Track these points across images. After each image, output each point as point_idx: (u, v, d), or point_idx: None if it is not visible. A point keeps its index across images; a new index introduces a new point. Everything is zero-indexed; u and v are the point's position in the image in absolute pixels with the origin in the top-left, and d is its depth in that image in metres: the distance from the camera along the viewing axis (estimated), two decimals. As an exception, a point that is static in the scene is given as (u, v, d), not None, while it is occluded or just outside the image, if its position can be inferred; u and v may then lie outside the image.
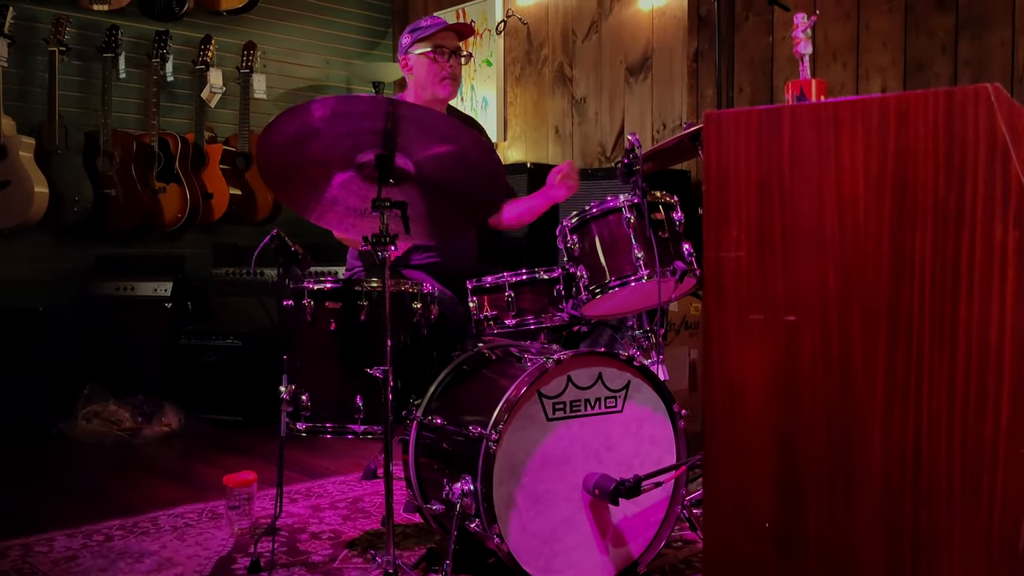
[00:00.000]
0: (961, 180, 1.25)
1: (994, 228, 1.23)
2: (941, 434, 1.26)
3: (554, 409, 2.21)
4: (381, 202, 2.22)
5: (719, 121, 1.45)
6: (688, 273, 2.45)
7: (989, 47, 3.56)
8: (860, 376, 1.33)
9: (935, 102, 1.27)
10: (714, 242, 1.45)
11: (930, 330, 1.28)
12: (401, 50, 3.14)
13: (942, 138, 1.26)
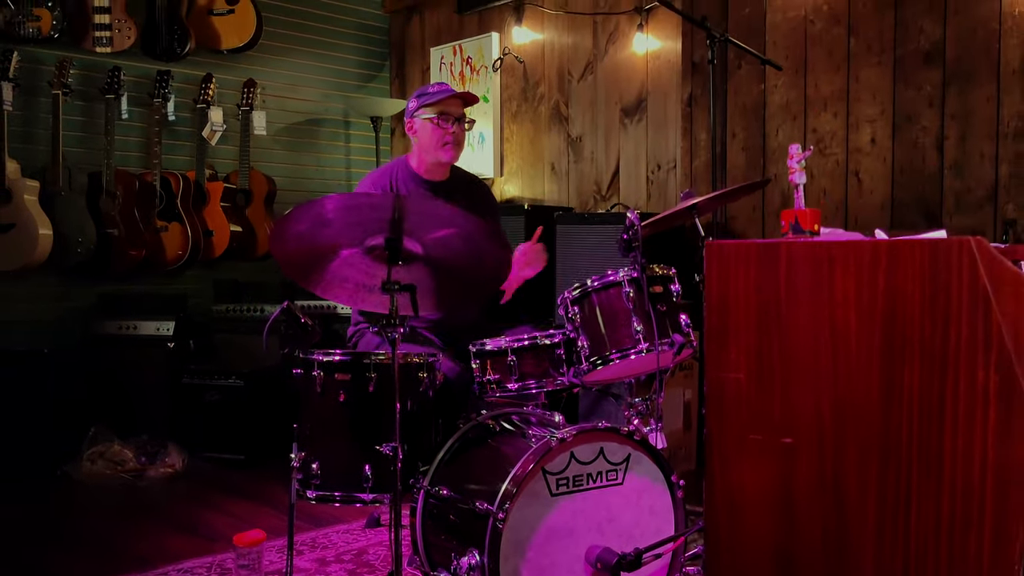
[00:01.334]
0: (946, 323, 1.34)
1: (976, 371, 1.32)
2: (928, 558, 1.35)
3: (558, 484, 2.29)
4: (391, 285, 2.30)
5: (721, 251, 1.53)
6: (685, 345, 2.54)
7: (975, 102, 3.66)
8: (854, 500, 1.42)
9: (921, 250, 1.36)
10: (715, 362, 1.54)
11: (918, 460, 1.37)
12: (407, 114, 3.23)
13: (927, 283, 1.36)
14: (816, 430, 1.45)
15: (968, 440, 1.33)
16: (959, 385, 1.34)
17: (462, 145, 3.23)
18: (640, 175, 4.75)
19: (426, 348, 3.00)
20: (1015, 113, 3.55)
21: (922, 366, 1.36)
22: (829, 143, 4.07)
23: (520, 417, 2.60)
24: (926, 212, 3.80)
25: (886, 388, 1.39)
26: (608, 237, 4.11)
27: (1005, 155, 3.59)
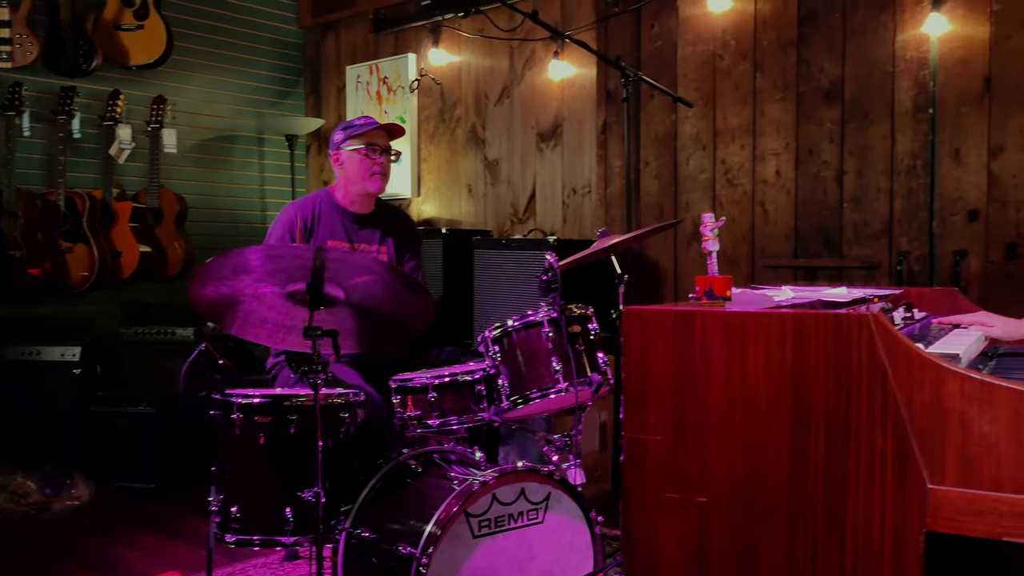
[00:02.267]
0: (848, 394, 1.44)
1: (875, 438, 1.42)
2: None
3: (480, 526, 2.34)
4: (313, 330, 2.31)
5: (640, 317, 1.60)
6: (603, 384, 2.62)
7: (871, 139, 3.86)
8: (764, 561, 1.50)
9: (825, 324, 1.46)
10: (634, 423, 1.61)
11: (823, 523, 1.46)
12: (333, 146, 3.24)
13: (831, 356, 1.45)
14: (729, 492, 1.53)
15: (868, 504, 1.43)
16: (860, 452, 1.44)
17: (388, 176, 3.26)
18: (556, 199, 4.83)
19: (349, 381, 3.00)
20: (907, 151, 3.76)
21: (827, 434, 1.45)
22: (737, 174, 4.23)
23: (441, 456, 2.64)
24: (827, 242, 3.99)
25: (794, 454, 1.48)
26: (525, 263, 4.19)
27: (899, 190, 3.80)
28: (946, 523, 1.39)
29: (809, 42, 4.01)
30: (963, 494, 1.38)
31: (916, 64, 3.73)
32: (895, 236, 3.81)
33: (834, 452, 1.45)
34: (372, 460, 2.71)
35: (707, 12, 4.26)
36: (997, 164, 3.58)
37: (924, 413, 1.40)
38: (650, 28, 4.47)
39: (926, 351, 1.44)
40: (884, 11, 3.80)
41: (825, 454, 1.46)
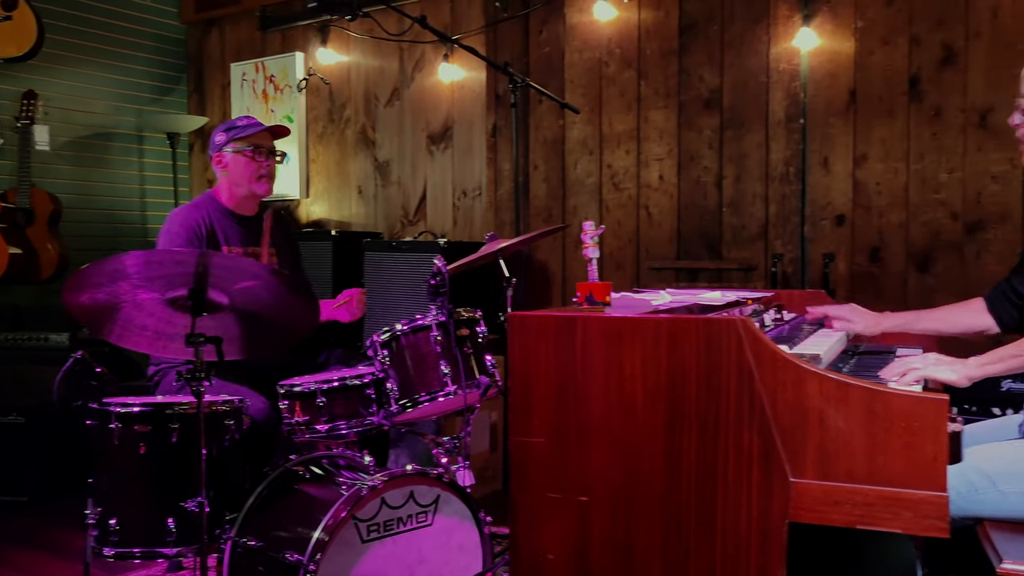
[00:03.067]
0: (718, 395, 1.52)
1: (743, 436, 1.51)
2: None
3: (369, 531, 2.34)
4: (195, 337, 2.26)
5: (523, 322, 1.64)
6: (491, 386, 2.66)
7: (748, 147, 4.03)
8: (641, 556, 1.57)
9: (697, 327, 1.53)
10: (518, 426, 1.65)
11: (696, 519, 1.54)
12: (214, 147, 3.16)
13: (703, 359, 1.53)
14: (608, 491, 1.59)
15: (737, 498, 1.51)
16: (729, 450, 1.52)
17: (274, 178, 3.21)
18: (447, 201, 4.85)
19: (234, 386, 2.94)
20: (781, 158, 3.95)
21: (699, 434, 1.53)
22: (623, 179, 4.34)
23: (330, 462, 2.62)
24: (708, 245, 4.15)
25: (668, 454, 1.55)
26: (415, 265, 4.19)
27: (773, 196, 3.98)
28: (807, 514, 1.48)
29: (690, 52, 4.16)
30: (821, 486, 1.47)
31: (788, 76, 3.92)
32: (770, 239, 4.00)
33: (705, 451, 1.53)
34: (259, 467, 2.67)
35: (593, 20, 4.36)
36: (861, 172, 3.80)
37: (787, 412, 1.49)
38: (538, 34, 4.55)
39: (789, 353, 1.54)
40: (759, 24, 3.98)
41: (697, 453, 1.54)
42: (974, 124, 3.56)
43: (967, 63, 3.57)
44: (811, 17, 3.85)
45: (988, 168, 3.54)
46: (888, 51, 3.72)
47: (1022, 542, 1.61)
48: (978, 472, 1.70)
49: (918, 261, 3.69)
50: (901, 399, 1.43)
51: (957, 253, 3.62)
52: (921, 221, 3.69)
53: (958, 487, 1.67)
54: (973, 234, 3.58)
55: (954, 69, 3.60)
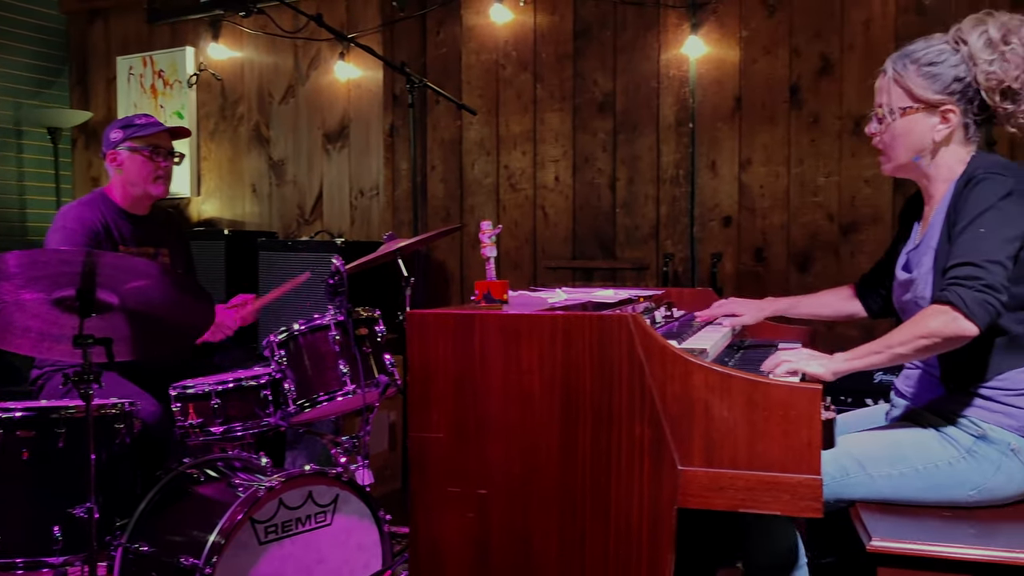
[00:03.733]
0: (611, 387, 1.58)
1: (634, 427, 1.58)
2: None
3: (266, 532, 2.32)
4: (84, 339, 2.19)
5: (422, 320, 1.67)
6: (390, 385, 2.67)
7: (640, 150, 4.16)
8: (539, 543, 1.62)
9: (590, 323, 1.59)
10: (418, 423, 1.68)
11: (591, 506, 1.60)
12: (109, 144, 3.07)
13: (596, 353, 1.59)
14: (507, 483, 1.64)
15: (629, 486, 1.58)
16: (621, 440, 1.58)
17: (171, 179, 3.15)
18: (344, 200, 4.82)
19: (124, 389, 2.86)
20: (671, 161, 4.09)
21: (593, 425, 1.59)
22: (519, 179, 4.41)
23: (225, 464, 2.58)
24: (602, 245, 4.26)
25: (564, 445, 1.61)
26: (312, 264, 4.15)
27: (664, 197, 4.12)
28: (694, 500, 1.56)
29: (584, 56, 4.26)
30: (707, 473, 1.55)
31: (678, 82, 4.06)
32: (661, 240, 4.13)
33: (599, 441, 1.59)
34: (151, 472, 2.61)
35: (490, 22, 4.42)
36: (746, 175, 3.97)
37: (675, 403, 1.56)
38: (435, 35, 4.57)
39: (678, 347, 1.61)
40: (650, 31, 4.11)
41: (592, 444, 1.60)
42: (849, 131, 3.77)
43: (842, 73, 3.78)
44: (699, 26, 4.00)
45: (861, 173, 3.75)
46: (770, 60, 3.90)
47: (889, 521, 1.73)
48: (849, 457, 1.82)
49: (798, 261, 3.89)
50: (779, 389, 1.53)
51: (834, 253, 3.82)
52: (801, 223, 3.88)
53: (832, 472, 1.79)
54: (848, 235, 3.79)
55: (830, 79, 3.80)
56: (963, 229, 1.75)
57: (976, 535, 1.67)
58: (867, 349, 1.78)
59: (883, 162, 2.01)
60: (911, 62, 1.90)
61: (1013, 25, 1.85)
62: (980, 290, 1.66)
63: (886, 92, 1.95)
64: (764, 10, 3.91)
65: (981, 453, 1.79)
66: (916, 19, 3.64)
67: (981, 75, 1.84)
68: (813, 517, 1.51)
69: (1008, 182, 1.76)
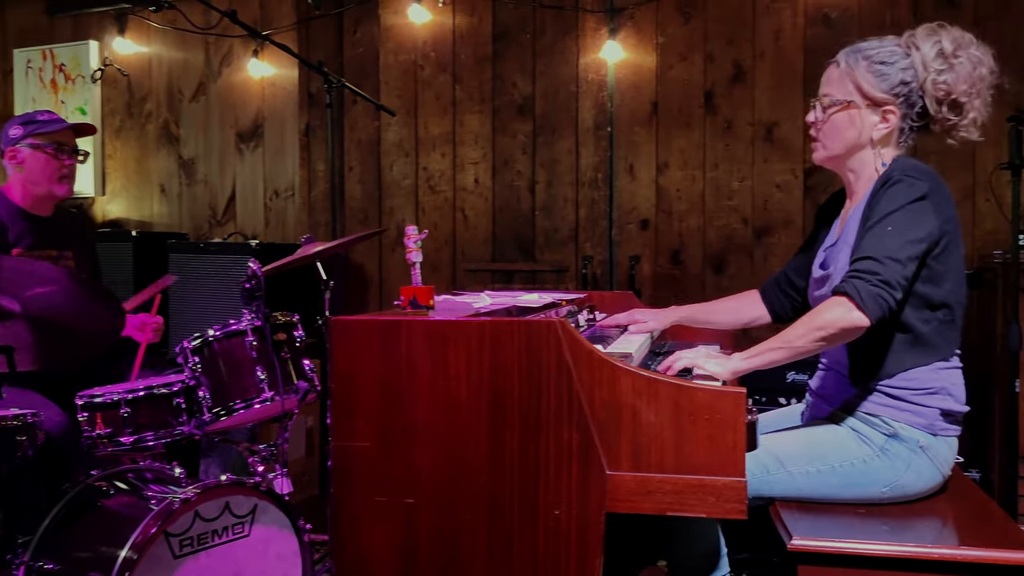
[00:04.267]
0: (539, 393, 1.58)
1: (562, 431, 1.58)
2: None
3: (181, 546, 2.24)
4: (-18, 349, 2.08)
5: (346, 327, 1.64)
6: (310, 391, 2.62)
7: (559, 153, 4.18)
8: (467, 550, 1.60)
9: (518, 329, 1.59)
10: (342, 431, 1.64)
11: (519, 511, 1.59)
12: (7, 141, 2.92)
13: (524, 359, 1.58)
14: (435, 491, 1.62)
15: (557, 491, 1.58)
16: (550, 446, 1.58)
17: (75, 179, 3.01)
18: (258, 201, 4.71)
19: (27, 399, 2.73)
20: (590, 164, 4.13)
21: (521, 431, 1.58)
22: (439, 181, 4.38)
23: (136, 475, 2.49)
24: (522, 248, 4.26)
25: (492, 451, 1.60)
26: (226, 268, 4.04)
27: (583, 200, 4.15)
28: (622, 504, 1.57)
29: (503, 58, 4.26)
30: (635, 477, 1.56)
31: (596, 86, 4.10)
32: (581, 242, 4.16)
33: (527, 447, 1.59)
34: (56, 485, 2.49)
35: (408, 23, 4.38)
36: (664, 179, 4.03)
37: (603, 408, 1.57)
38: (352, 34, 4.51)
39: (604, 352, 1.62)
40: (568, 35, 4.14)
41: (520, 449, 1.59)
42: (761, 137, 3.87)
43: (754, 80, 3.88)
44: (617, 31, 4.05)
45: (773, 178, 3.86)
46: (686, 66, 3.98)
47: (808, 520, 1.78)
48: (770, 455, 1.87)
49: (714, 263, 3.97)
50: (704, 393, 1.55)
51: (748, 255, 3.92)
52: (716, 226, 3.96)
53: (753, 469, 1.82)
54: (761, 238, 3.89)
55: (743, 86, 3.89)
56: (872, 226, 1.80)
57: (889, 531, 1.72)
58: (766, 347, 1.82)
59: (816, 149, 2.03)
60: (863, 58, 1.92)
61: (964, 41, 1.90)
62: (876, 284, 1.71)
63: (835, 83, 1.96)
64: (680, 17, 3.98)
65: (893, 451, 1.85)
66: (824, 31, 3.76)
67: (930, 83, 1.87)
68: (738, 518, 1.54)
69: (923, 186, 1.81)
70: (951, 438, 1.90)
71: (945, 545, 1.64)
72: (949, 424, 1.89)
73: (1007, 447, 3.03)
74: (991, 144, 3.54)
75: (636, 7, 4.02)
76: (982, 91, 1.90)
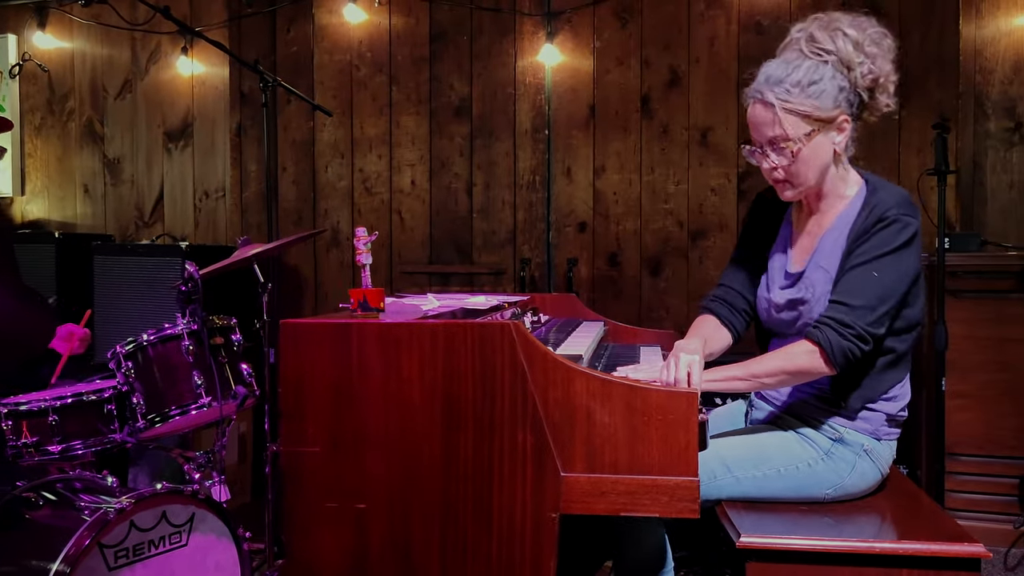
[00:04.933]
0: (493, 395, 1.57)
1: (516, 434, 1.57)
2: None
3: (116, 558, 2.16)
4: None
5: (296, 330, 1.61)
6: (248, 396, 2.56)
7: (497, 155, 4.18)
8: (420, 556, 1.59)
9: (472, 331, 1.58)
10: (292, 437, 1.61)
11: (473, 515, 1.58)
12: (-86, 138, 2.78)
13: (478, 361, 1.57)
14: (387, 495, 1.60)
15: (511, 494, 1.58)
16: (504, 448, 1.58)
17: None
18: (187, 202, 4.59)
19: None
20: (528, 167, 4.14)
21: (475, 433, 1.58)
22: (375, 183, 4.34)
23: (65, 485, 2.39)
24: (459, 250, 4.25)
25: (446, 455, 1.58)
26: (153, 270, 3.93)
27: (521, 203, 4.16)
28: (576, 505, 1.57)
29: (440, 60, 4.24)
30: (589, 479, 1.57)
31: (534, 89, 4.11)
32: (518, 245, 4.17)
33: (482, 450, 1.58)
34: (-21, 496, 2.38)
35: (343, 22, 4.32)
36: (600, 182, 4.07)
37: (557, 409, 1.57)
38: (286, 32, 4.43)
39: (557, 353, 1.62)
40: (506, 37, 4.14)
41: (474, 452, 1.58)
42: (696, 141, 3.93)
43: (690, 86, 3.94)
44: (554, 34, 4.07)
45: (708, 182, 3.92)
46: (623, 71, 4.02)
47: (754, 517, 1.81)
48: (717, 460, 1.88)
49: (651, 266, 4.02)
50: (658, 394, 1.56)
51: (683, 258, 3.98)
52: (652, 229, 4.01)
53: (700, 476, 1.84)
54: (696, 241, 3.96)
55: (679, 91, 3.95)
56: (858, 264, 1.80)
57: (832, 527, 1.77)
58: (730, 374, 1.82)
59: (785, 189, 1.93)
60: (792, 86, 1.84)
61: (859, 23, 1.88)
62: (848, 339, 1.75)
63: (776, 124, 1.85)
64: (616, 22, 4.02)
65: (838, 455, 1.89)
66: (756, 38, 3.85)
67: (859, 77, 1.85)
68: (690, 518, 1.56)
69: (913, 226, 1.81)
70: (892, 441, 1.95)
71: (885, 539, 1.69)
72: (892, 428, 1.94)
73: (934, 443, 3.14)
74: (915, 151, 3.68)
75: (573, 11, 4.05)
76: (893, 59, 1.89)
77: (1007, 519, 3.14)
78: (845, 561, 1.68)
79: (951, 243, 3.20)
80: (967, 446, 3.20)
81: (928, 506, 1.92)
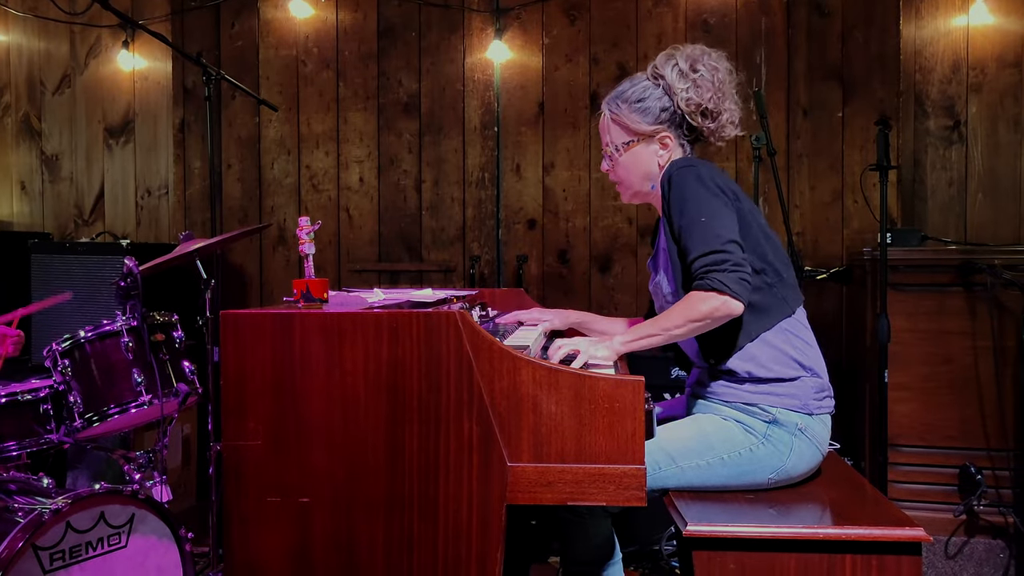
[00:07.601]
0: (439, 386, 1.56)
1: (463, 424, 1.55)
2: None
3: (52, 560, 2.10)
4: None
5: (236, 321, 1.57)
6: (190, 394, 2.50)
7: (446, 152, 4.16)
8: (364, 551, 1.56)
9: (417, 322, 1.56)
10: (232, 431, 1.57)
11: (419, 509, 1.56)
12: None
13: (423, 351, 1.55)
14: (331, 489, 1.57)
15: (458, 485, 1.56)
16: (450, 439, 1.56)
17: None
18: (128, 200, 4.49)
19: None
20: (477, 164, 4.12)
21: (420, 425, 1.55)
22: (322, 180, 4.29)
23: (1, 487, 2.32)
24: (408, 247, 4.22)
25: (391, 447, 1.56)
26: (94, 268, 3.83)
27: (470, 200, 4.14)
28: (523, 496, 1.56)
29: (388, 56, 4.20)
30: (536, 468, 1.56)
31: (483, 85, 4.10)
32: (468, 242, 4.15)
33: (427, 441, 1.56)
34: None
35: (290, 17, 4.27)
36: (550, 179, 4.07)
37: (503, 399, 1.56)
38: (230, 27, 4.36)
39: (504, 344, 1.61)
40: (455, 33, 4.12)
41: (419, 444, 1.56)
42: (644, 138, 3.95)
43: (638, 83, 3.95)
44: (503, 31, 4.06)
45: (656, 178, 3.94)
46: (571, 68, 4.02)
47: (701, 507, 1.81)
48: (661, 451, 1.89)
49: (600, 262, 4.03)
50: (605, 382, 1.56)
51: (632, 254, 3.99)
52: (602, 226, 4.02)
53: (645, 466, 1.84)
54: (645, 237, 3.97)
55: (627, 88, 3.96)
56: (685, 223, 1.90)
57: (776, 515, 1.78)
58: (643, 332, 1.90)
59: (622, 192, 2.21)
60: (622, 102, 2.09)
61: (697, 55, 2.08)
62: (732, 270, 1.82)
63: (607, 132, 2.14)
64: (565, 18, 4.03)
65: (775, 437, 1.92)
66: (703, 36, 3.88)
67: (681, 102, 2.05)
68: (638, 506, 1.55)
69: (692, 168, 1.95)
70: (825, 415, 1.98)
71: (828, 525, 1.70)
72: (822, 401, 1.96)
73: (877, 434, 3.19)
74: (858, 147, 3.74)
75: (522, 8, 4.04)
76: (727, 92, 2.08)
77: (948, 508, 3.20)
78: (790, 547, 1.69)
79: (893, 238, 3.26)
80: (909, 437, 3.27)
81: (871, 494, 1.95)
